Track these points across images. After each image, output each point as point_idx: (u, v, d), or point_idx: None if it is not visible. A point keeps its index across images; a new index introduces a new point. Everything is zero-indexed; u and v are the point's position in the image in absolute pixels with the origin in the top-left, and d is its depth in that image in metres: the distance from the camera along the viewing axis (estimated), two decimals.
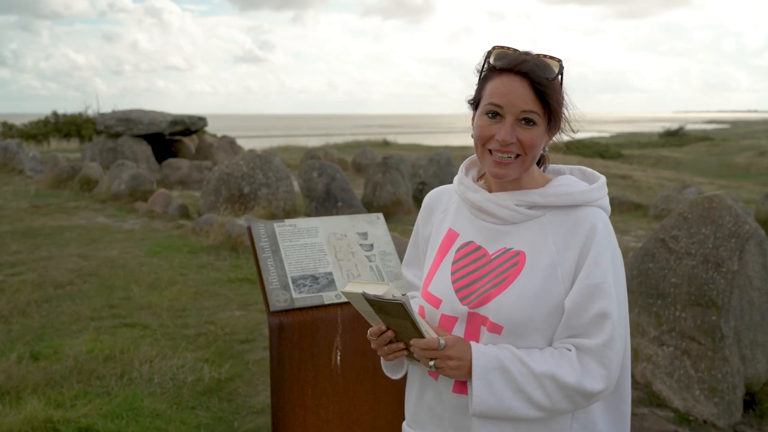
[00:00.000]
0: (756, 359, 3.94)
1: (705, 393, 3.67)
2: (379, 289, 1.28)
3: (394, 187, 10.15)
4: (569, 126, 1.40)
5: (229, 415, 3.52)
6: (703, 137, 45.73)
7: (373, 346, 1.38)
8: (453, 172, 10.80)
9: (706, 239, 3.89)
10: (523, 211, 1.36)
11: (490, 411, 1.28)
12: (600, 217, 1.34)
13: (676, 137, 46.33)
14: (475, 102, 1.38)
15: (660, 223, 4.22)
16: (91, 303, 5.36)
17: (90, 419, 3.38)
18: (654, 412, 3.69)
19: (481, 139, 1.34)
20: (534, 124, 1.30)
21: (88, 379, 3.90)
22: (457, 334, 1.36)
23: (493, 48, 1.34)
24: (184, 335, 4.66)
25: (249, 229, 2.31)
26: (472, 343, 1.31)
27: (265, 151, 20.54)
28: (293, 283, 2.25)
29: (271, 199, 8.93)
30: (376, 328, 1.35)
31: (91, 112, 25.13)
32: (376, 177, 10.26)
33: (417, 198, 10.73)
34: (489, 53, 1.33)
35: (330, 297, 2.28)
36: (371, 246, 2.41)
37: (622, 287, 1.34)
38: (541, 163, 1.47)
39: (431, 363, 1.28)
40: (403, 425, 1.52)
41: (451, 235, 1.45)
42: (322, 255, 2.34)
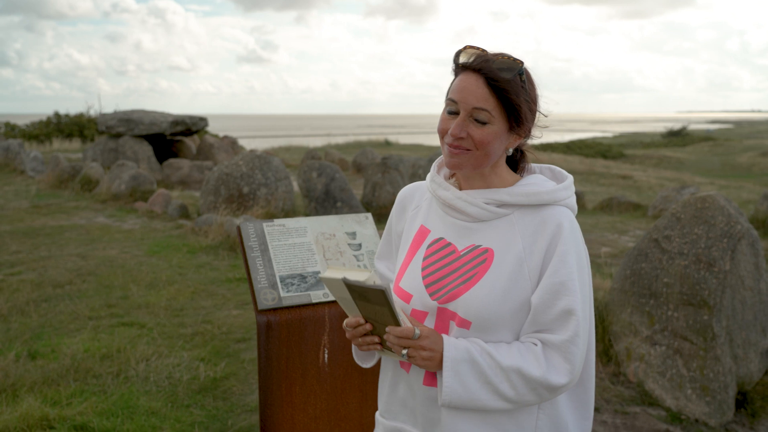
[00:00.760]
0: (748, 358, 3.96)
1: (697, 392, 3.69)
2: (360, 276, 1.29)
3: (394, 187, 10.17)
4: (540, 124, 1.42)
5: (224, 413, 3.55)
6: (706, 137, 45.67)
7: (348, 336, 1.42)
8: None
9: (698, 239, 3.91)
10: (492, 209, 1.39)
11: (459, 401, 1.32)
12: (566, 216, 1.38)
13: (678, 137, 46.29)
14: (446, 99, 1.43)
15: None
16: (89, 302, 5.39)
17: (85, 417, 3.41)
18: (646, 411, 3.71)
19: (440, 132, 1.39)
20: (486, 123, 1.33)
21: (85, 377, 3.94)
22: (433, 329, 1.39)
23: (463, 47, 1.38)
24: (181, 334, 4.69)
25: (238, 229, 2.34)
26: (444, 336, 1.35)
27: (267, 151, 20.58)
28: (281, 282, 2.28)
29: (270, 199, 8.95)
30: (353, 320, 1.38)
31: (93, 113, 25.21)
32: (376, 177, 10.28)
33: None
34: (459, 52, 1.38)
35: (318, 296, 2.31)
36: (359, 245, 2.44)
37: (586, 285, 1.37)
38: (519, 167, 1.50)
39: (404, 352, 1.32)
40: (376, 415, 1.56)
41: (423, 232, 1.49)
42: (311, 254, 2.37)
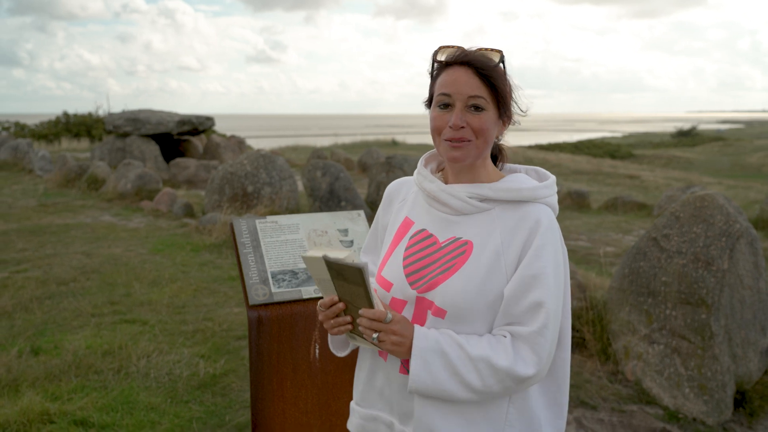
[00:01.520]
0: (747, 358, 3.94)
1: (695, 391, 3.69)
2: (340, 254, 1.32)
3: None
4: (519, 111, 1.46)
5: (222, 409, 3.58)
6: (716, 137, 45.42)
7: (320, 317, 1.44)
8: None
9: (696, 238, 3.90)
10: (474, 203, 1.42)
11: (426, 389, 1.34)
12: (545, 213, 1.41)
13: (688, 137, 46.06)
14: (429, 100, 1.46)
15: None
16: (92, 299, 5.44)
17: (86, 412, 3.45)
18: (643, 409, 3.71)
19: (436, 129, 1.41)
20: (482, 109, 1.38)
21: (86, 373, 3.98)
22: (406, 317, 1.42)
23: (438, 48, 1.43)
24: (182, 331, 4.73)
25: (231, 225, 2.36)
26: (416, 326, 1.38)
27: (274, 151, 20.64)
28: (272, 277, 2.30)
29: (274, 198, 8.99)
30: (327, 299, 1.41)
31: (101, 112, 25.39)
32: (380, 176, 10.29)
33: None
34: (435, 53, 1.42)
35: (309, 292, 2.33)
36: (351, 242, 2.46)
37: (561, 281, 1.39)
38: (499, 160, 1.53)
39: (375, 335, 1.34)
40: (351, 404, 1.59)
41: (407, 223, 1.53)
42: (302, 251, 2.39)
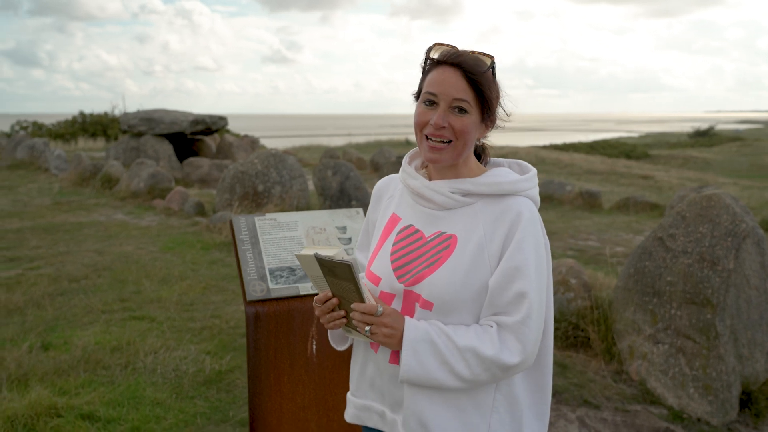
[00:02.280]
0: (754, 358, 3.91)
1: (699, 391, 3.67)
2: (330, 251, 1.39)
3: None
4: (504, 116, 1.50)
5: (226, 405, 3.62)
6: (734, 137, 44.84)
7: (317, 312, 1.49)
8: None
9: (702, 238, 3.88)
10: (457, 198, 1.46)
11: (416, 378, 1.38)
12: (526, 206, 1.43)
13: (705, 137, 45.53)
14: (417, 94, 1.49)
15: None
16: (103, 296, 5.52)
17: (93, 406, 3.50)
18: (647, 409, 3.70)
19: (419, 125, 1.45)
20: (465, 112, 1.41)
21: (95, 368, 4.04)
22: (396, 309, 1.46)
23: (433, 45, 1.45)
24: (190, 328, 4.78)
25: (230, 222, 2.40)
26: (406, 317, 1.42)
27: (287, 150, 20.73)
28: (270, 274, 2.33)
29: (285, 197, 9.04)
30: (322, 295, 1.46)
31: (117, 112, 25.66)
32: None
33: None
34: (429, 49, 1.45)
35: (306, 288, 2.35)
36: (349, 240, 2.48)
37: (543, 272, 1.42)
38: (482, 156, 1.55)
39: (367, 328, 1.39)
40: (348, 395, 1.64)
41: (394, 219, 1.57)
42: (300, 248, 2.42)
